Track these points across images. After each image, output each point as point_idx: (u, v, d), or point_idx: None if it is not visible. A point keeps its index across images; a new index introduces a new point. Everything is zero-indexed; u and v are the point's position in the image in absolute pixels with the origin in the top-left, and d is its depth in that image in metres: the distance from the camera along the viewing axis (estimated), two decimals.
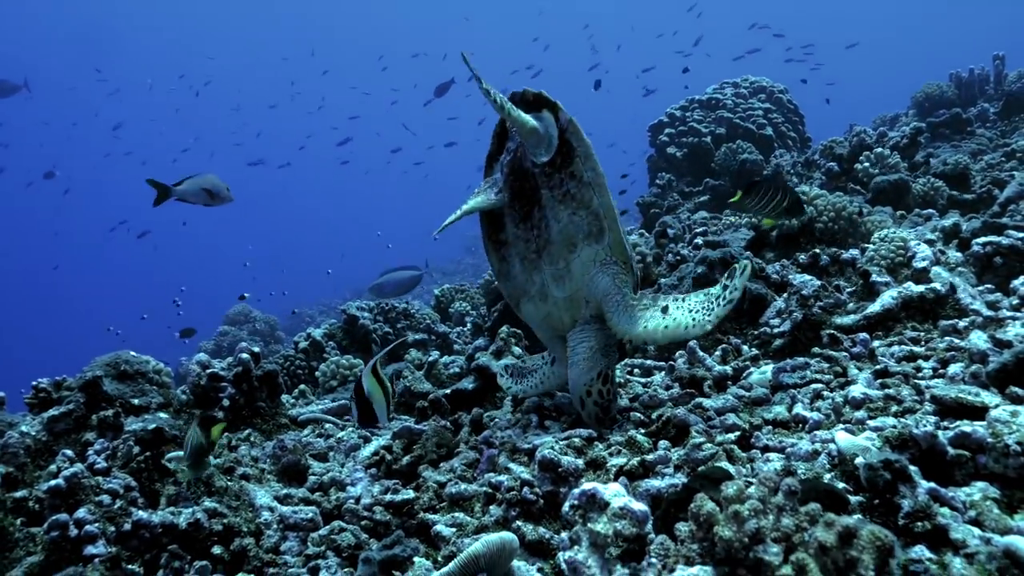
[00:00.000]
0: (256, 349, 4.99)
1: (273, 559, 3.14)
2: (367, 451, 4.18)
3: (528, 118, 3.71)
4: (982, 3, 78.61)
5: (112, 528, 3.18)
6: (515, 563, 2.60)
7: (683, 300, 3.64)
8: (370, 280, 9.50)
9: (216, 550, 3.11)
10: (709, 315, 3.48)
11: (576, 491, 2.42)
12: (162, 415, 4.41)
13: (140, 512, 3.15)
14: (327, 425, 5.07)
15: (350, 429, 4.89)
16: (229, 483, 3.61)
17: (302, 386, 6.64)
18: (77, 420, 4.21)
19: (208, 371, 4.74)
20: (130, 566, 3.04)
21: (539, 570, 2.65)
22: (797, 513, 1.92)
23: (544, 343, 4.32)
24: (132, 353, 4.75)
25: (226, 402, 4.67)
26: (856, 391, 3.56)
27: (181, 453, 3.30)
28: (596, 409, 3.80)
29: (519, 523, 2.93)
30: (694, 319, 3.51)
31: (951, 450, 2.72)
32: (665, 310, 3.64)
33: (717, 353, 4.95)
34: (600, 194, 3.71)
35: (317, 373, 6.92)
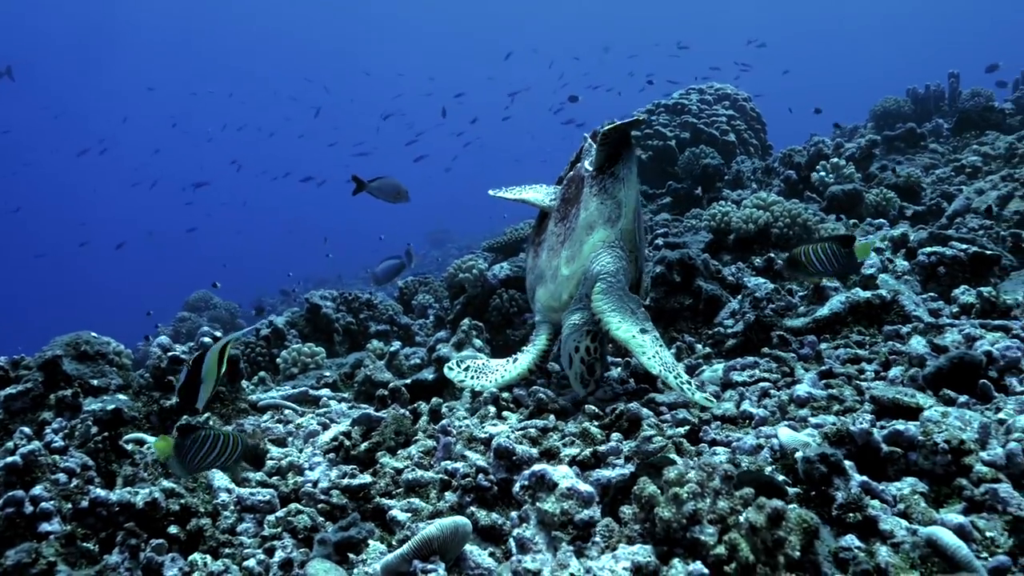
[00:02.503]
0: (218, 334, 5.02)
1: (229, 539, 3.17)
2: (326, 437, 4.24)
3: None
4: (941, 20, 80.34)
5: (68, 506, 3.21)
6: (468, 547, 2.67)
7: (660, 345, 3.98)
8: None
9: (172, 529, 3.14)
10: (662, 368, 3.83)
11: (526, 472, 2.52)
12: (121, 396, 4.43)
13: (97, 490, 3.18)
14: (286, 411, 5.11)
15: (309, 416, 4.94)
16: None
17: (262, 373, 6.65)
18: (35, 399, 4.22)
19: (169, 354, 4.76)
20: (85, 544, 3.07)
21: (491, 554, 2.73)
22: (732, 497, 2.04)
23: (538, 327, 4.61)
24: (93, 334, 4.76)
25: None
26: (801, 390, 3.71)
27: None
28: (582, 368, 4.13)
29: (473, 509, 3.02)
30: (650, 359, 3.88)
31: (885, 447, 2.87)
32: (643, 332, 4.00)
33: (672, 350, 5.08)
34: (627, 188, 4.26)
35: (278, 360, 6.94)
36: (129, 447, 3.86)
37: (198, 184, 34.31)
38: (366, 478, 3.51)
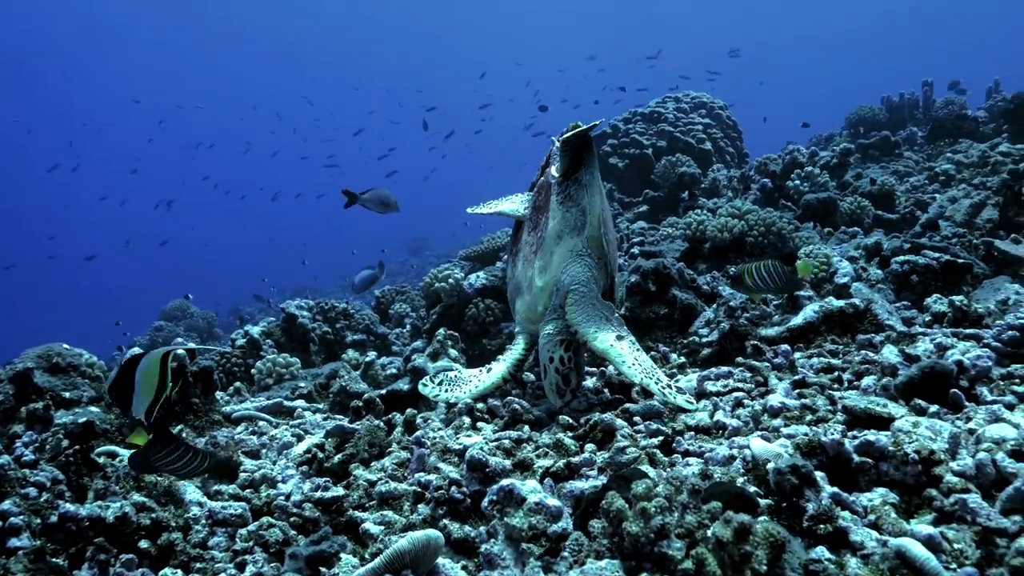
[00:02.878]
0: (191, 344, 4.97)
1: (200, 554, 3.15)
2: (299, 449, 4.22)
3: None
4: (919, 26, 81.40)
5: (38, 521, 3.17)
6: (440, 560, 2.67)
7: (638, 349, 4.00)
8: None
9: (143, 544, 3.12)
10: (642, 376, 3.85)
11: (494, 487, 2.51)
12: (93, 409, 4.38)
13: (67, 505, 3.15)
14: (261, 423, 5.08)
15: (283, 427, 4.91)
16: (159, 478, 3.61)
17: (237, 383, 6.61)
18: (5, 412, 4.16)
19: None
20: (55, 559, 3.03)
21: (463, 568, 2.72)
22: (700, 511, 2.05)
23: (517, 337, 4.63)
24: (65, 346, 4.71)
25: None
26: (774, 400, 3.72)
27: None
28: (557, 378, 4.15)
29: (446, 521, 3.01)
30: (629, 367, 3.90)
31: (856, 457, 2.88)
32: (619, 338, 4.01)
33: None
34: (590, 194, 4.19)
35: (253, 371, 6.89)
36: (101, 460, 3.81)
37: (168, 202, 34.30)
38: (339, 491, 3.49)
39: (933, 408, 3.36)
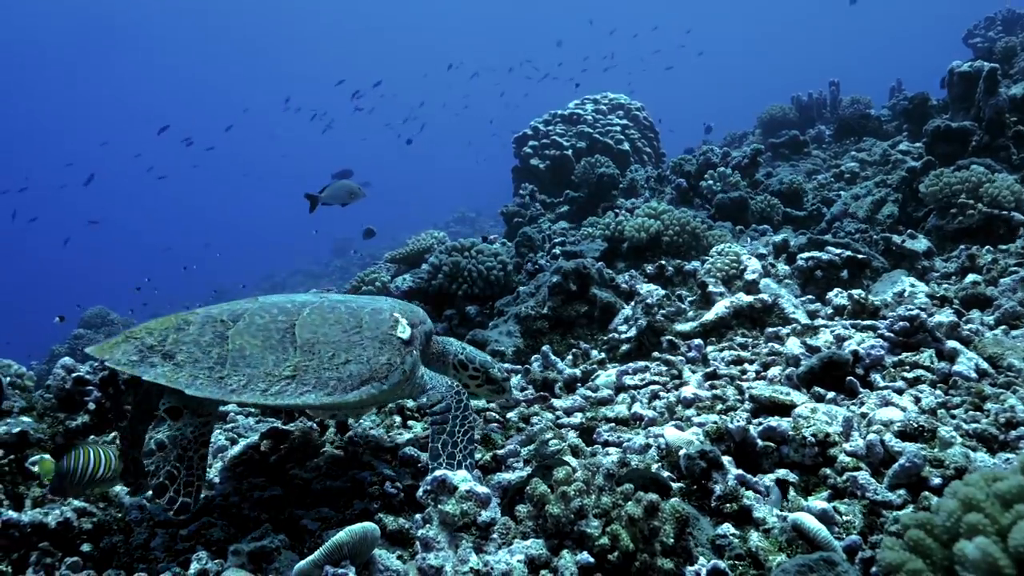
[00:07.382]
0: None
1: (143, 555, 3.24)
2: (235, 450, 4.31)
3: None
4: (828, 26, 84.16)
5: None
6: (376, 551, 2.82)
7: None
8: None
9: (85, 547, 3.20)
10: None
11: (428, 477, 2.69)
12: (25, 419, 4.39)
13: (9, 512, 3.20)
14: None
15: (217, 431, 4.97)
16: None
17: None
18: None
19: (73, 375, 4.73)
20: None
21: (399, 557, 2.89)
22: (614, 492, 2.27)
23: None
24: None
25: (92, 405, 4.67)
26: (687, 391, 3.99)
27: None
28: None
29: (381, 515, 3.17)
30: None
31: (760, 442, 3.15)
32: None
33: (568, 358, 5.32)
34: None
35: None
36: (35, 469, 3.85)
37: (92, 221, 33.33)
38: (277, 490, 3.61)
39: (830, 395, 3.67)
